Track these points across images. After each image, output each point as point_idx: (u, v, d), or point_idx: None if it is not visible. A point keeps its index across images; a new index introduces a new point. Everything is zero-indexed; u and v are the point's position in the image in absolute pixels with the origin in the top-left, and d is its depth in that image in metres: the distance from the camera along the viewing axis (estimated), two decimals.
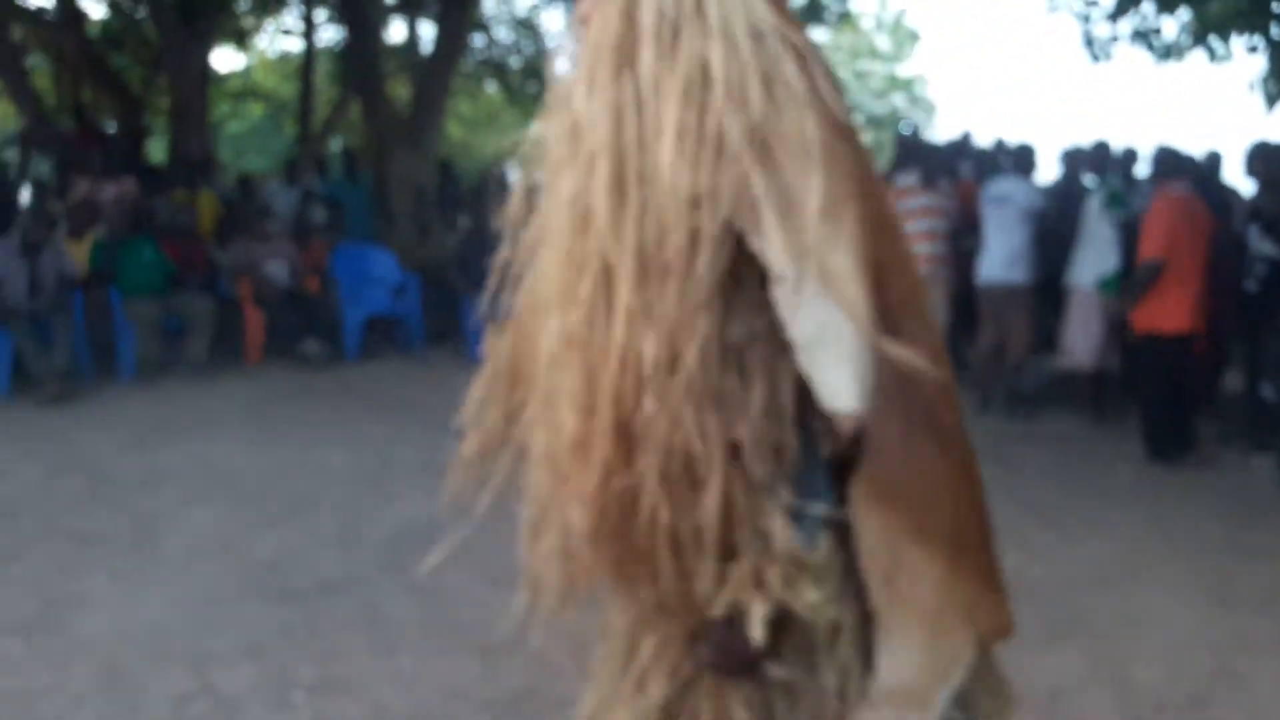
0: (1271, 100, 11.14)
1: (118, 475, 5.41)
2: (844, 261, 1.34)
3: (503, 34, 15.90)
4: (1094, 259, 6.75)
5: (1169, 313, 5.89)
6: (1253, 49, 10.99)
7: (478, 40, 14.90)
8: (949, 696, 1.53)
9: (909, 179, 7.65)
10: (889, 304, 1.42)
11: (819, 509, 1.40)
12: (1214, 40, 11.02)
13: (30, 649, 3.44)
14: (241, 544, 4.44)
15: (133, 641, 3.49)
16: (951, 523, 1.57)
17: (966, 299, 7.78)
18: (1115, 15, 9.78)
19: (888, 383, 1.38)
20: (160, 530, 4.60)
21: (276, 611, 3.76)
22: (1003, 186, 7.13)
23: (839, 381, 1.34)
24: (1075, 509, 5.11)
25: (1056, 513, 5.04)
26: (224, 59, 25.28)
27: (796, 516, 1.38)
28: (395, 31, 14.46)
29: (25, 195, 10.55)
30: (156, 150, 15.16)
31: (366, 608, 3.82)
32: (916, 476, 1.49)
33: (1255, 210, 6.20)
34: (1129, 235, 6.69)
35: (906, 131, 9.59)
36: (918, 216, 7.62)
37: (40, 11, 12.02)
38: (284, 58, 17.98)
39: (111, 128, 12.61)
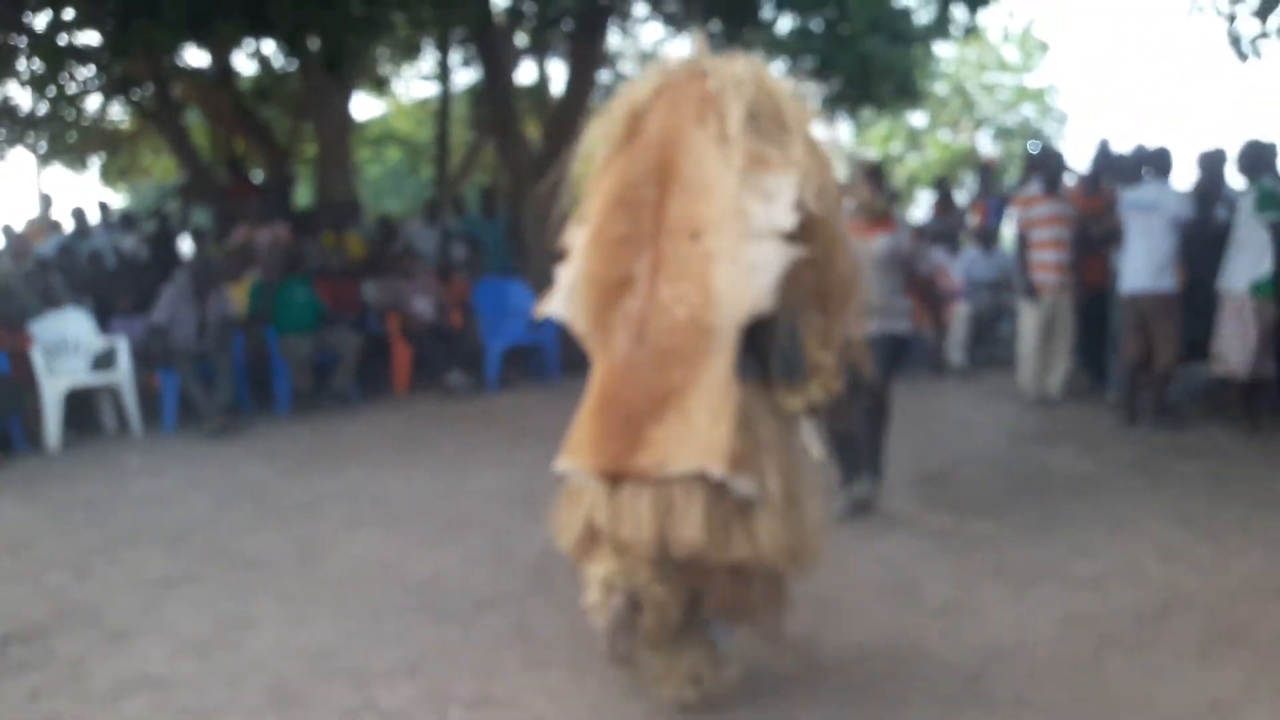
0: None
1: (280, 502, 5.70)
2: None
3: (629, 68, 16.17)
4: (1247, 263, 6.50)
5: None
6: None
7: (605, 76, 15.18)
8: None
9: (1033, 189, 7.65)
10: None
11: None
12: None
13: (205, 667, 3.64)
14: (399, 565, 4.62)
15: (299, 660, 3.66)
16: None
17: (1099, 307, 7.60)
18: (1263, 11, 9.40)
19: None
20: (322, 553, 4.83)
21: (434, 630, 3.90)
22: (1146, 193, 6.92)
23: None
24: (1232, 520, 4.91)
25: (1212, 524, 4.85)
26: (364, 106, 26.37)
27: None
28: (526, 72, 14.87)
29: (186, 244, 11.23)
30: (303, 196, 15.92)
31: (519, 625, 3.93)
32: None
33: None
34: None
35: (1034, 151, 9.48)
36: (1043, 224, 7.53)
37: (197, 71, 12.78)
38: (420, 103, 18.64)
39: (260, 177, 13.31)
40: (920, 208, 19.19)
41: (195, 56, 12.67)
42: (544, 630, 3.88)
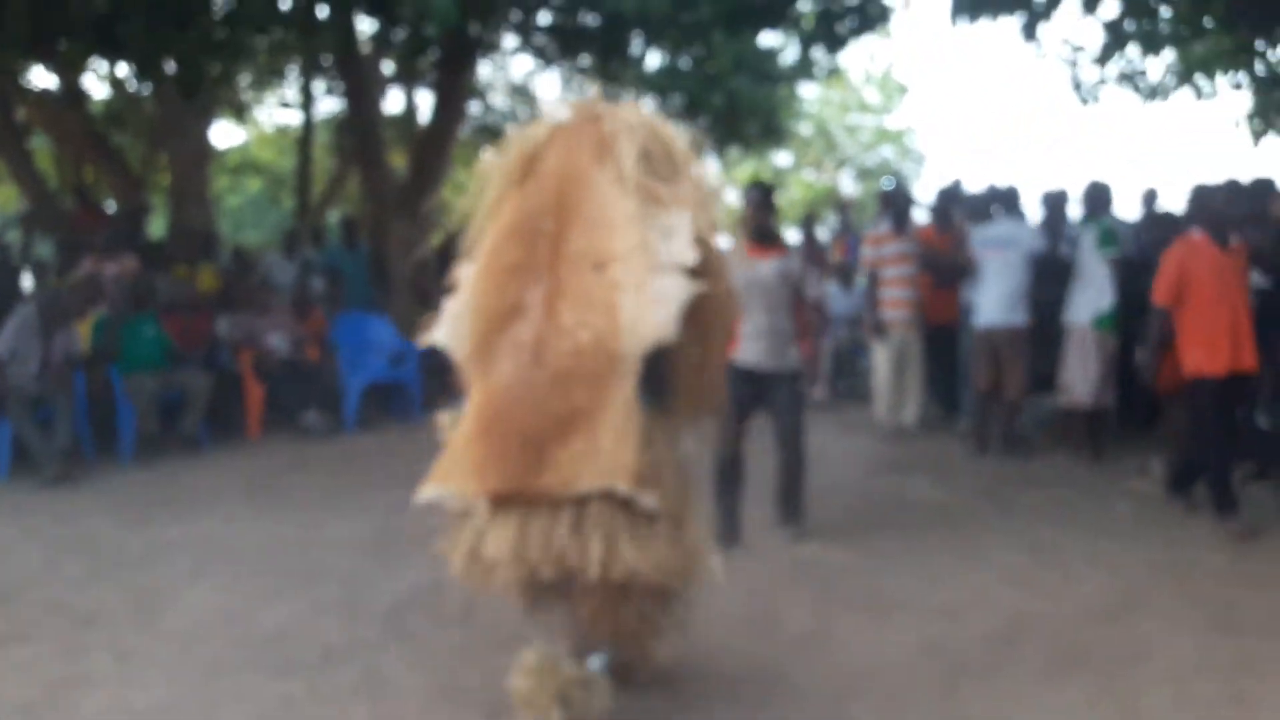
0: (1258, 135, 11.29)
1: (120, 554, 5.39)
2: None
3: (499, 101, 16.13)
4: (1090, 297, 6.81)
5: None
6: (1237, 86, 11.17)
7: (474, 108, 15.10)
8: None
9: (883, 227, 7.88)
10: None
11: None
12: (1200, 79, 11.21)
13: None
14: (244, 617, 4.42)
15: None
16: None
17: (949, 341, 7.85)
18: (1102, 59, 9.95)
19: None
20: (162, 607, 4.59)
21: (280, 684, 3.74)
22: (1001, 230, 7.20)
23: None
24: (1076, 547, 5.11)
25: (1058, 551, 5.05)
26: (223, 134, 25.64)
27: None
28: (393, 101, 14.68)
29: (27, 277, 10.65)
30: (158, 226, 15.34)
31: (370, 675, 3.80)
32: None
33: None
34: (1122, 272, 6.76)
35: (887, 187, 9.81)
36: (892, 263, 7.75)
37: (43, 92, 12.20)
38: (282, 131, 18.21)
39: (111, 206, 12.76)
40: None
41: (41, 77, 12.14)
42: (397, 680, 3.76)
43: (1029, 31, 8.73)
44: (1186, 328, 5.38)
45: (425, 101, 14.50)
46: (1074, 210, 7.48)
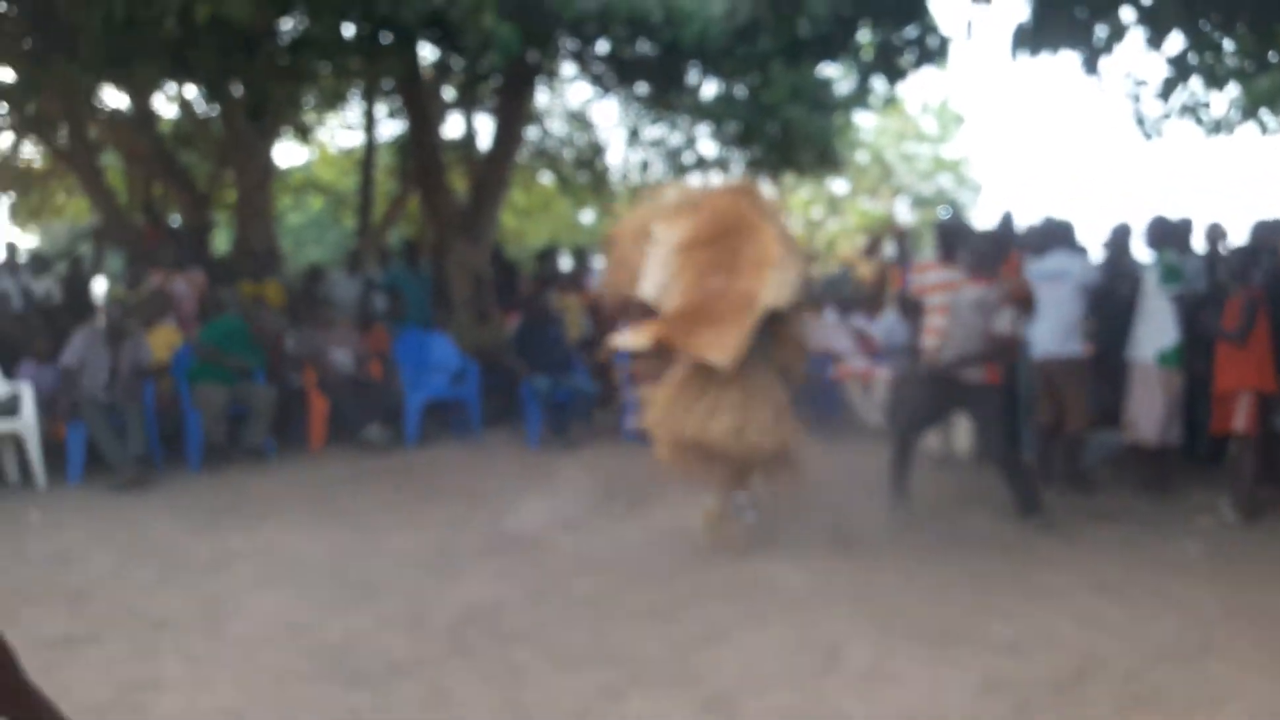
0: None
1: (187, 559, 5.51)
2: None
3: (556, 126, 16.30)
4: (1153, 333, 6.73)
5: None
6: None
7: (532, 133, 15.28)
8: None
9: (929, 256, 7.82)
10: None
11: None
12: (1264, 114, 11.08)
13: None
14: (310, 627, 4.49)
15: None
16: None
17: (1009, 373, 7.76)
18: (1165, 93, 9.87)
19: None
20: (230, 614, 4.67)
21: (347, 696, 3.79)
22: (1053, 262, 7.15)
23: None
24: (1145, 584, 5.02)
25: (1126, 589, 4.95)
26: (287, 153, 26.13)
27: None
28: (453, 126, 14.89)
29: (99, 288, 10.92)
30: (221, 243, 15.65)
31: (434, 690, 3.84)
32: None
33: None
34: (1188, 308, 6.68)
35: (944, 216, 9.77)
36: (934, 291, 7.69)
37: (115, 112, 12.55)
38: (345, 152, 18.52)
39: (178, 222, 13.05)
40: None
41: (113, 97, 12.47)
42: (460, 696, 3.79)
43: (1090, 65, 8.68)
44: None
45: (485, 126, 14.75)
46: (1139, 246, 7.42)
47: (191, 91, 12.56)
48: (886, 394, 9.35)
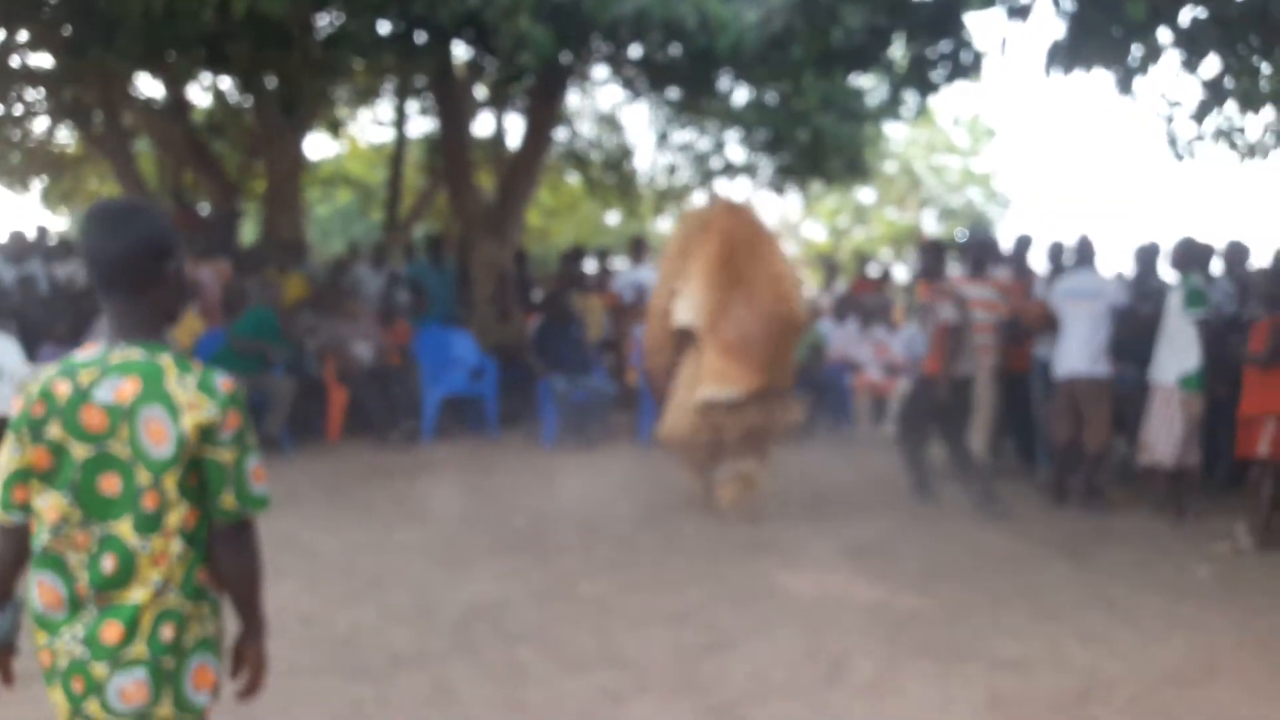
0: None
1: None
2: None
3: (585, 128, 16.33)
4: (1176, 356, 6.66)
5: None
6: None
7: (561, 133, 15.32)
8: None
9: (958, 271, 7.77)
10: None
11: None
12: None
13: None
14: (319, 619, 4.52)
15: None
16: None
17: (1023, 388, 7.70)
18: (1199, 115, 9.77)
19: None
20: None
21: (350, 688, 3.81)
22: (1084, 281, 7.08)
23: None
24: (1155, 607, 4.98)
25: (1135, 611, 4.91)
26: (317, 146, 26.27)
27: None
28: (484, 124, 14.94)
29: None
30: (249, 232, 15.76)
31: (436, 685, 3.86)
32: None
33: None
34: (1211, 332, 6.61)
35: (961, 240, 9.71)
36: (976, 307, 7.62)
37: (150, 100, 12.68)
38: (375, 147, 18.62)
39: (207, 209, 13.15)
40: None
41: (149, 86, 12.60)
42: (463, 692, 3.81)
43: (1124, 85, 8.61)
44: None
45: (515, 126, 14.78)
46: (1165, 267, 7.34)
47: (226, 82, 12.67)
48: (899, 405, 9.32)
